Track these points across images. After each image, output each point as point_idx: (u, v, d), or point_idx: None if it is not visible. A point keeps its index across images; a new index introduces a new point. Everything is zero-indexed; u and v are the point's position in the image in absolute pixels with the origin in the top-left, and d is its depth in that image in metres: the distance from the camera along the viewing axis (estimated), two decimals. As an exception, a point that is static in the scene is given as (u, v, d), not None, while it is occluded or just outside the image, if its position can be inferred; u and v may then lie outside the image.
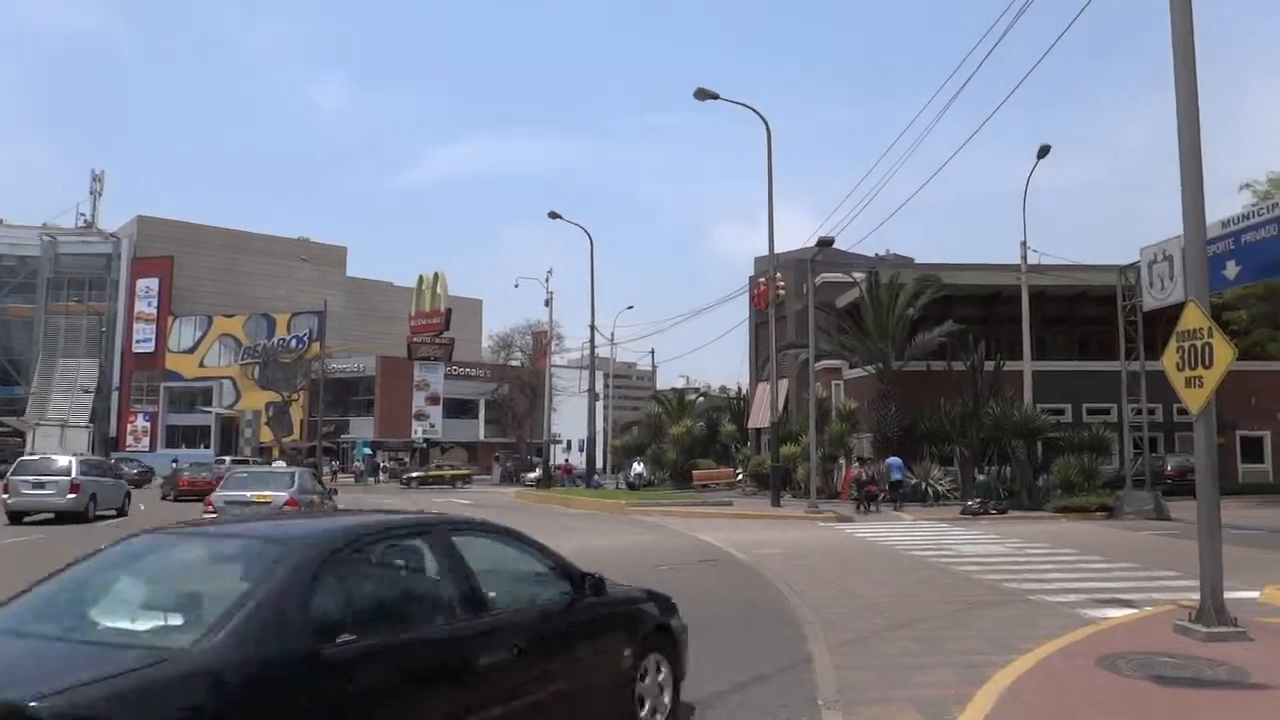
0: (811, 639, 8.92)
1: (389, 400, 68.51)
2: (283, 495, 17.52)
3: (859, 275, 35.56)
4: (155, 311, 75.34)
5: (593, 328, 45.60)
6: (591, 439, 46.65)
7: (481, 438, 73.28)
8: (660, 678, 5.71)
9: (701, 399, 60.26)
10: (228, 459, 62.02)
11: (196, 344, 75.52)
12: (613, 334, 62.67)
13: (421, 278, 69.77)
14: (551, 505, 34.10)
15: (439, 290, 68.07)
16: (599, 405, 55.24)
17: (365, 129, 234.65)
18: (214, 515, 15.77)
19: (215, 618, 3.45)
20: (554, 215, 43.53)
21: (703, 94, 28.52)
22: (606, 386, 71.55)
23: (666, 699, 5.73)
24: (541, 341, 61.74)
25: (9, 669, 3.23)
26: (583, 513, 29.49)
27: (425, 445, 68.04)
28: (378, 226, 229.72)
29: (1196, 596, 8.89)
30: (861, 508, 26.35)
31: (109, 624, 3.74)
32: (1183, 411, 9.33)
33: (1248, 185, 28.13)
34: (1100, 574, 13.71)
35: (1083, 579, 13.15)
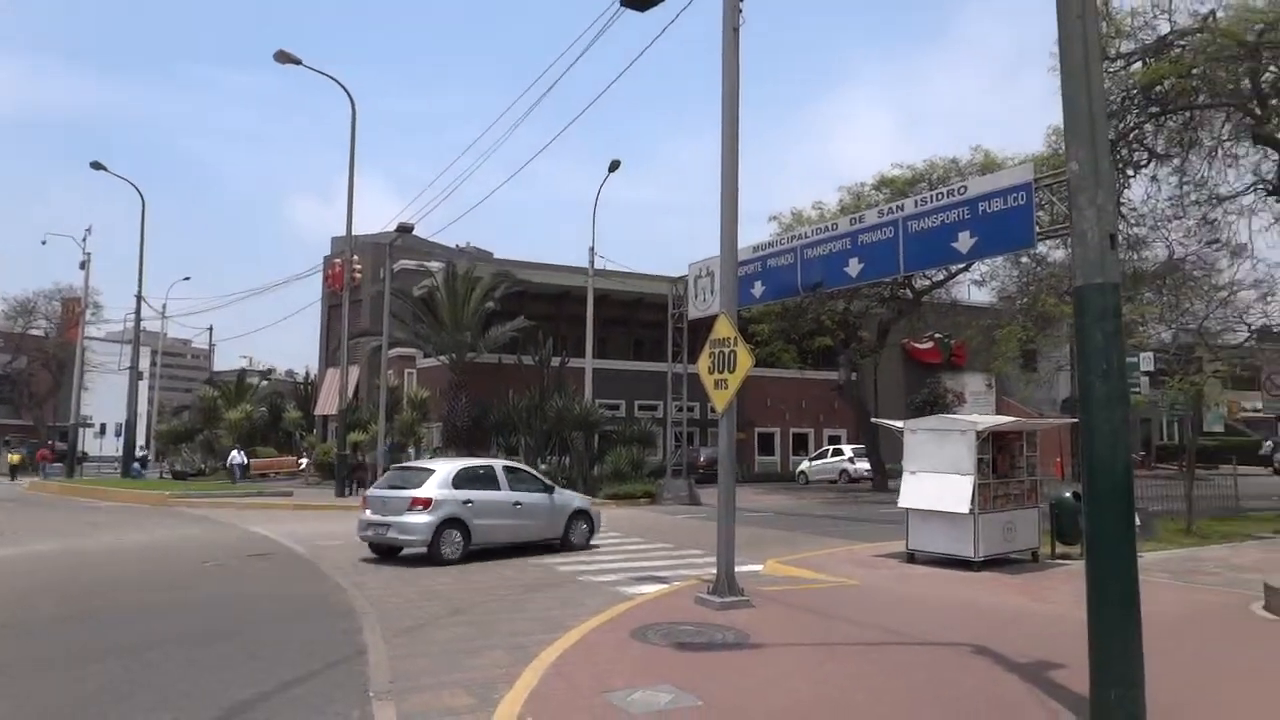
0: (368, 631, 8.80)
1: None
2: None
3: (436, 265, 35.68)
4: None
5: (139, 297, 40.80)
6: (132, 423, 41.60)
7: (-13, 418, 62.03)
8: None
9: (265, 382, 56.50)
10: None
11: None
12: (164, 306, 56.45)
13: (-89, 223, 57.38)
14: (78, 498, 29.88)
15: (-65, 240, 56.44)
16: (143, 385, 49.49)
17: None
18: None
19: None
20: (98, 166, 38.19)
21: (284, 57, 26.76)
22: (153, 364, 64.33)
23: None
24: (74, 310, 53.54)
25: None
26: (118, 506, 26.22)
27: (-95, 426, 56.06)
28: None
29: (715, 571, 10.19)
30: (348, 490, 27.99)
31: None
32: (715, 409, 10.67)
33: (775, 217, 32.66)
34: (640, 554, 15.13)
35: (624, 559, 14.42)
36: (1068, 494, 13.74)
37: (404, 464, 18.56)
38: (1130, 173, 21.88)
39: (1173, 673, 6.70)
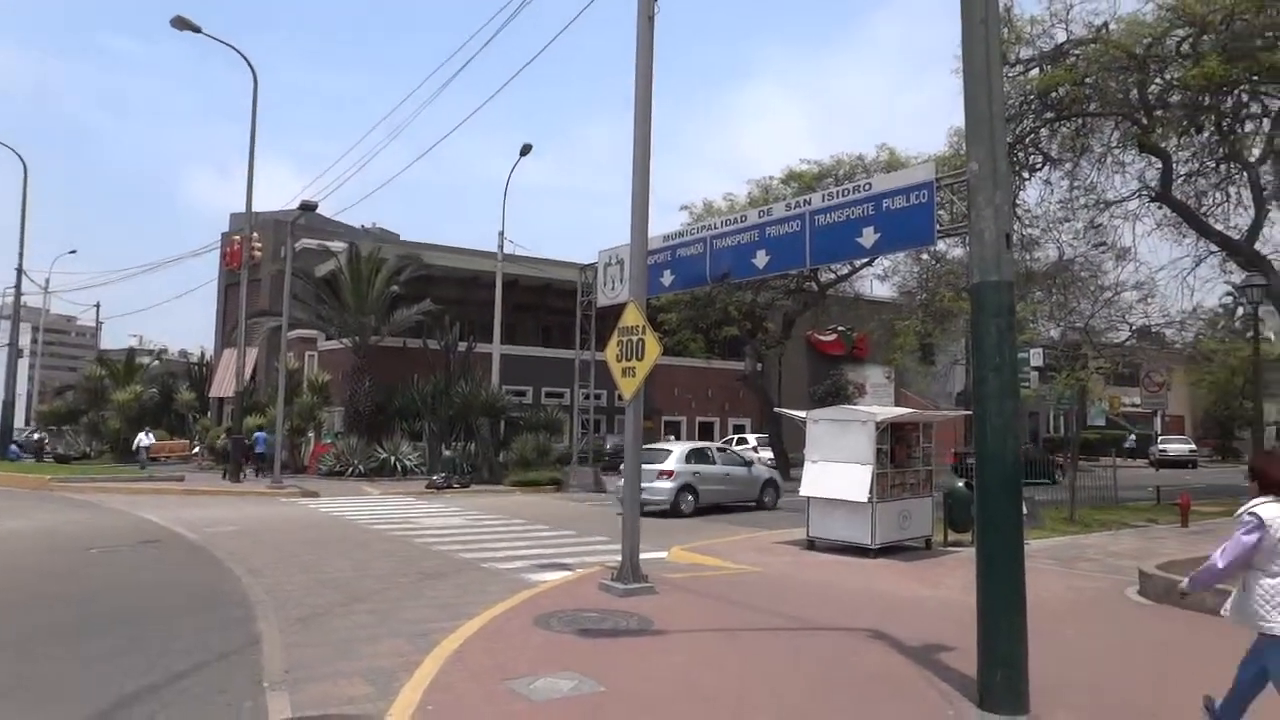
0: (262, 620, 8.57)
1: None
2: None
3: (339, 245, 34.80)
4: None
5: (20, 270, 38.68)
6: (10, 403, 39.50)
7: None
8: None
9: (157, 363, 54.23)
10: None
11: None
12: (48, 281, 53.64)
13: None
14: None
15: None
16: (23, 363, 47.02)
17: None
18: None
19: None
20: (-27, 132, 36.09)
21: (182, 23, 25.64)
22: (35, 342, 61.17)
23: None
24: (-55, 282, 50.53)
25: None
26: (-9, 489, 24.88)
27: None
28: None
29: (619, 559, 10.24)
30: (230, 475, 27.50)
31: None
32: (623, 397, 10.69)
33: (686, 207, 32.91)
34: (545, 541, 15.09)
35: (529, 546, 14.37)
36: (960, 484, 14.25)
37: (648, 445, 22.03)
38: (1026, 175, 22.74)
39: (1055, 654, 7.03)
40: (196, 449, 36.44)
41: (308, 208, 26.04)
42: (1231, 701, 5.04)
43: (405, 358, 33.29)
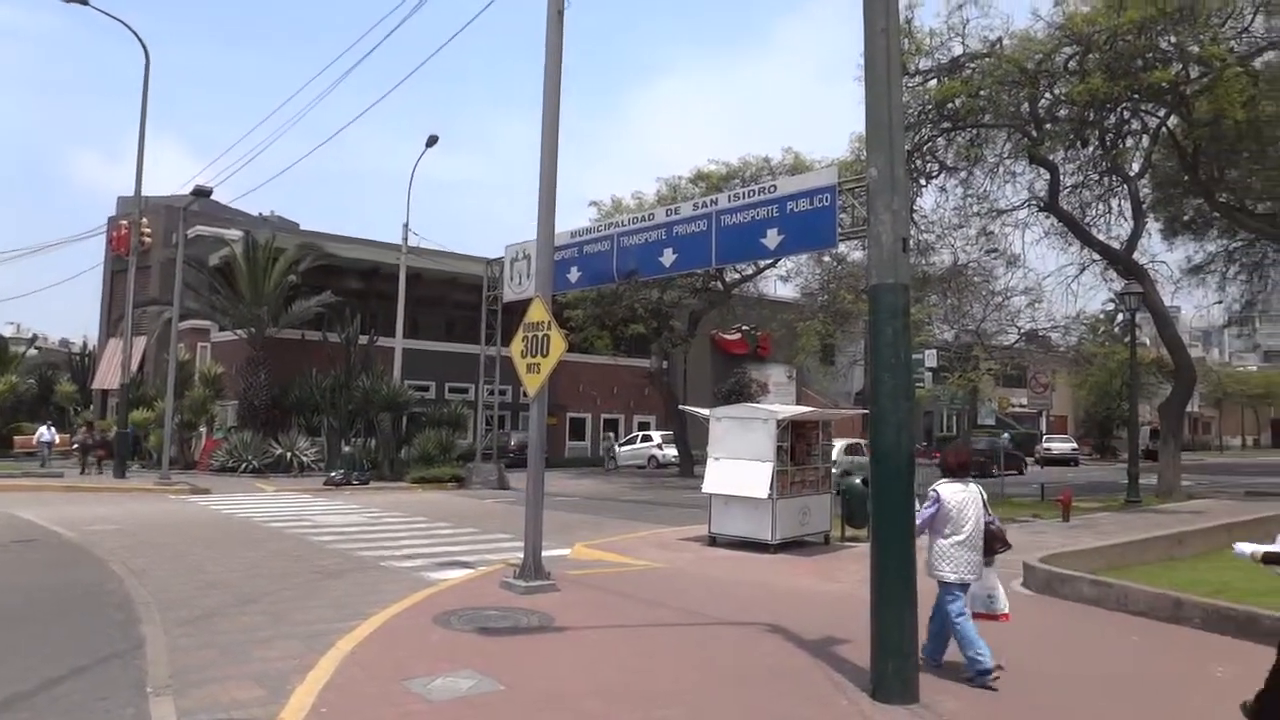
0: (147, 622, 8.22)
1: None
2: None
3: (235, 234, 33.64)
4: None
5: (-118, 254, 36.22)
6: None
7: None
8: None
9: (35, 351, 51.50)
10: None
11: None
12: (-88, 265, 50.35)
13: None
14: None
15: None
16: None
17: None
18: None
19: None
20: None
21: (69, -4, 24.42)
22: (-102, 329, 57.37)
23: None
24: None
25: None
26: None
27: None
28: None
29: (522, 556, 10.18)
30: (87, 469, 27.78)
31: None
32: (527, 393, 10.63)
33: (595, 203, 32.88)
34: (446, 539, 14.89)
35: (430, 544, 14.16)
36: (857, 480, 14.62)
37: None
38: (923, 182, 23.45)
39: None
40: (77, 444, 34.68)
41: (201, 193, 25.08)
42: (932, 641, 6.78)
43: (304, 350, 32.40)
